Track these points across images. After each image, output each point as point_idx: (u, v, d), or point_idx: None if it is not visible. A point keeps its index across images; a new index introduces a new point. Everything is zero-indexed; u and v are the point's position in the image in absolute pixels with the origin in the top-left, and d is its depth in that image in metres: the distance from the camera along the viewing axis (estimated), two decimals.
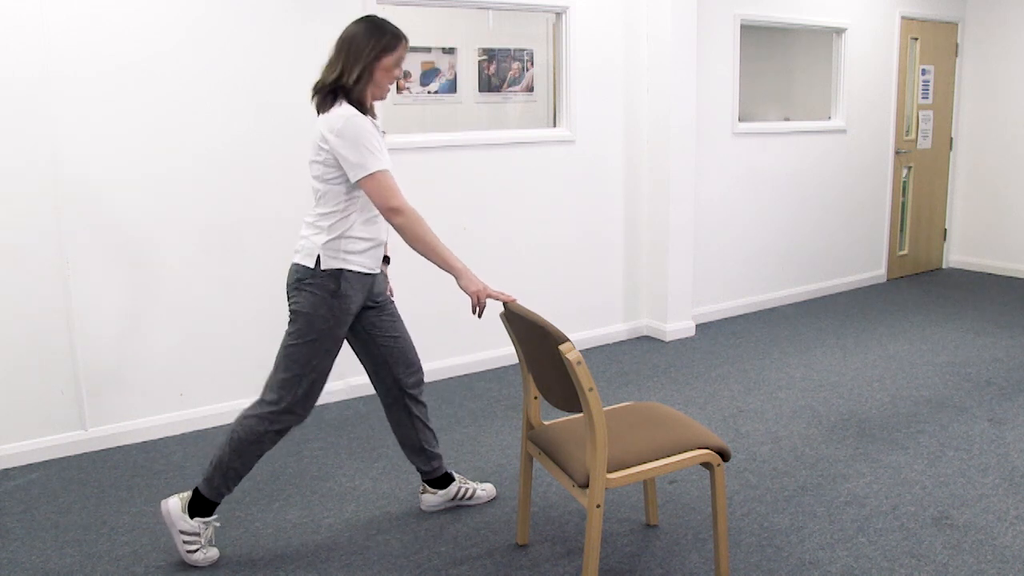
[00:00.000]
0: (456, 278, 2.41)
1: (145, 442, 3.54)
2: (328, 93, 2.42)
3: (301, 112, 3.73)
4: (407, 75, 5.60)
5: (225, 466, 2.49)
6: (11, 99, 3.14)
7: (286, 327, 2.51)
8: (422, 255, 2.42)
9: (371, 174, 2.35)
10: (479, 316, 2.43)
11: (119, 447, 3.49)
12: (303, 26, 3.70)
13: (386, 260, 2.73)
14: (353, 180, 2.37)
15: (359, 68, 2.40)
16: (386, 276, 2.72)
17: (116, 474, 3.22)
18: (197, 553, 2.51)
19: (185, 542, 2.50)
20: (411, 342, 2.73)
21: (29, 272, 3.25)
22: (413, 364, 2.73)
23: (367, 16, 2.48)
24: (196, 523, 2.50)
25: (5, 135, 3.15)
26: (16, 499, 3.02)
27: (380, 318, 2.66)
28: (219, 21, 3.51)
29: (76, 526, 2.81)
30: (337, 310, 2.47)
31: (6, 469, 3.28)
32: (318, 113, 2.46)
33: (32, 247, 3.25)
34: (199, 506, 2.51)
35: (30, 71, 3.16)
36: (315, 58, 3.72)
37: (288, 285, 2.51)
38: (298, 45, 3.69)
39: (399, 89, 5.58)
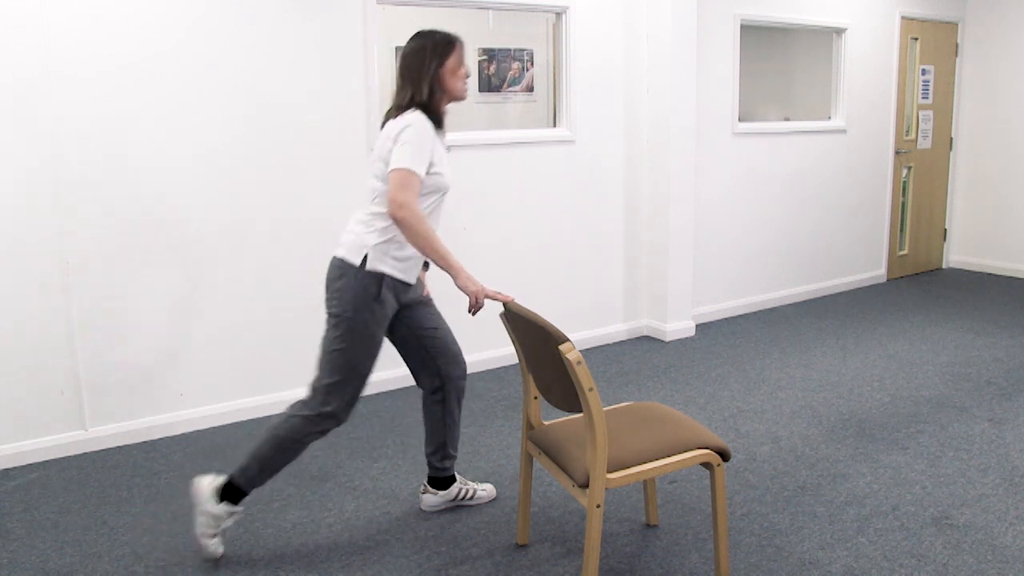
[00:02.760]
0: (453, 277, 2.41)
1: (145, 442, 3.54)
2: (403, 109, 2.47)
3: (301, 112, 3.73)
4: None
5: (264, 460, 2.51)
6: (11, 99, 3.14)
7: (326, 327, 2.51)
8: (421, 251, 2.41)
9: (400, 168, 2.36)
10: (474, 315, 2.44)
11: (119, 447, 3.49)
12: (303, 26, 3.70)
13: (425, 265, 2.76)
14: (388, 168, 2.39)
15: (427, 83, 2.47)
16: (423, 282, 2.74)
17: (116, 474, 3.22)
18: (214, 538, 2.53)
19: (206, 524, 2.52)
20: (452, 334, 2.75)
21: (29, 272, 3.25)
22: (456, 355, 2.75)
23: (416, 32, 2.54)
24: (222, 509, 2.52)
25: (5, 135, 3.14)
26: (16, 499, 3.02)
27: (418, 312, 2.69)
28: (219, 21, 3.51)
29: (76, 526, 2.81)
30: (378, 313, 2.50)
31: (6, 469, 3.28)
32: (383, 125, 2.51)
33: (32, 247, 3.25)
34: (229, 493, 2.53)
35: (30, 71, 3.16)
36: (315, 58, 3.73)
37: (329, 279, 2.50)
38: (298, 45, 3.69)
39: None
